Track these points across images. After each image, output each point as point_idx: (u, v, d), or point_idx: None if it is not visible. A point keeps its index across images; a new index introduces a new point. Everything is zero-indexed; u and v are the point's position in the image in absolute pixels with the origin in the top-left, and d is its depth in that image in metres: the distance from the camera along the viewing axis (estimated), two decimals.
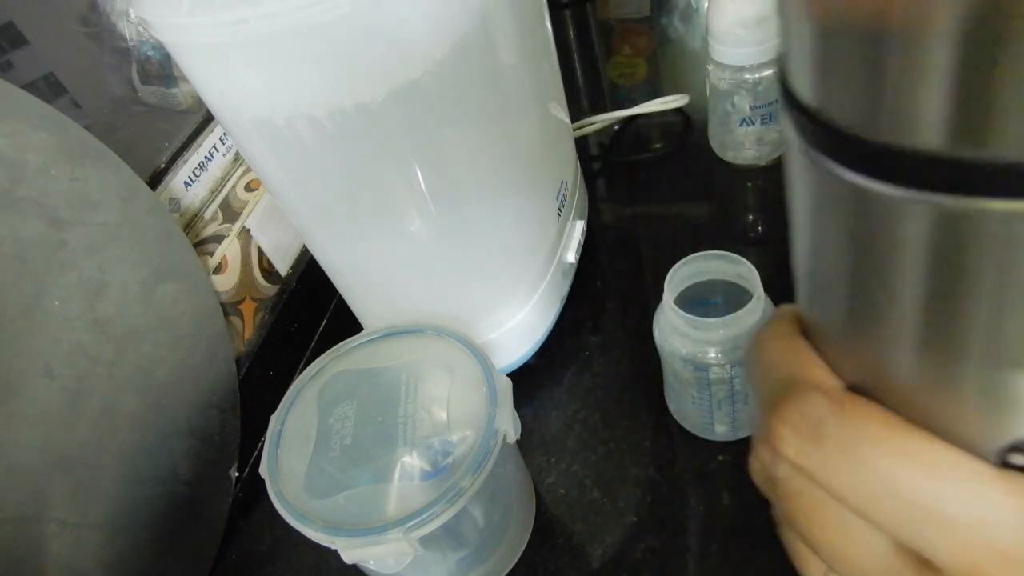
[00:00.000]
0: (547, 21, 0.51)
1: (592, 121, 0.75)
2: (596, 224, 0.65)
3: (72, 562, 0.40)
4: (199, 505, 0.48)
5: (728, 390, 0.42)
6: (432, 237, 0.44)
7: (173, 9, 0.33)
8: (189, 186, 0.52)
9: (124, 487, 0.43)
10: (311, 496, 0.36)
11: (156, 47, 0.50)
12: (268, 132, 0.38)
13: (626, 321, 0.57)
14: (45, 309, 0.39)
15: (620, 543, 0.44)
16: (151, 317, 0.45)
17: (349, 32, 0.34)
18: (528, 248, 0.51)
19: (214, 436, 0.49)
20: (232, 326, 0.54)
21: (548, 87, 0.52)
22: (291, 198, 0.44)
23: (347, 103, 0.36)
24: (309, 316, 0.63)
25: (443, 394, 0.39)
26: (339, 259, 0.49)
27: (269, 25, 0.32)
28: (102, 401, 0.42)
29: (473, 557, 0.41)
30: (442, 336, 0.42)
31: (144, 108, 0.52)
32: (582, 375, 0.54)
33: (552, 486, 0.47)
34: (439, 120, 0.40)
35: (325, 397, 0.41)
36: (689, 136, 0.71)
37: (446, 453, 0.36)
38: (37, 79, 0.45)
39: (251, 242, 0.58)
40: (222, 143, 0.55)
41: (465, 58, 0.39)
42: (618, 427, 0.49)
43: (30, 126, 0.39)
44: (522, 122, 0.48)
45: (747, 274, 0.41)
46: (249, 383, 0.54)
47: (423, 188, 0.41)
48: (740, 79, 0.58)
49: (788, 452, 0.18)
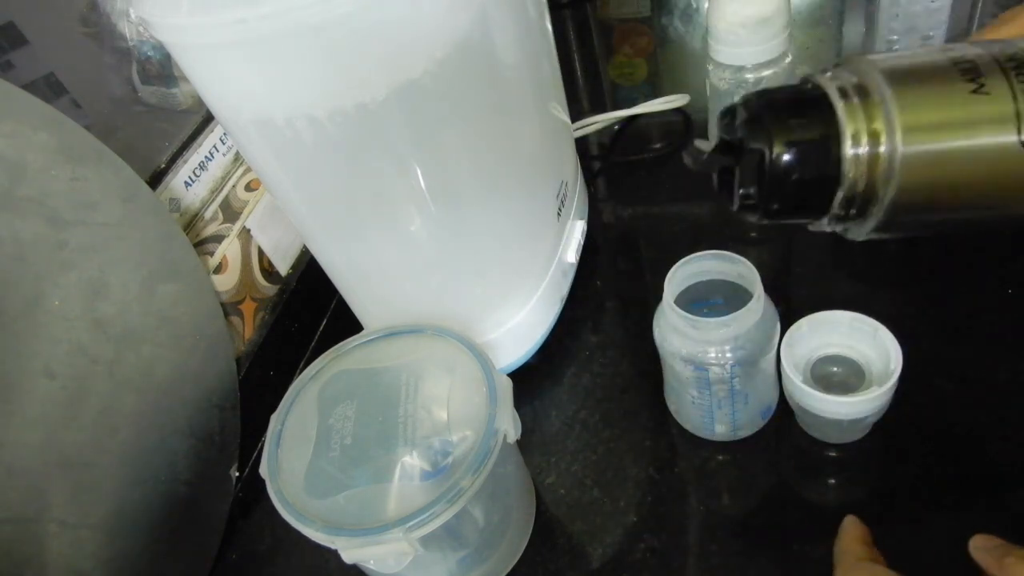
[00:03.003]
0: (547, 21, 0.51)
1: (592, 121, 0.75)
2: (596, 224, 0.65)
3: (72, 562, 0.40)
4: (199, 505, 0.48)
5: (728, 390, 0.42)
6: (432, 237, 0.44)
7: (173, 9, 0.33)
8: (189, 186, 0.52)
9: (124, 487, 0.43)
10: (311, 496, 0.36)
11: (156, 47, 0.50)
12: (268, 132, 0.38)
13: (626, 321, 0.57)
14: (45, 309, 0.39)
15: (620, 543, 0.44)
16: (151, 317, 0.45)
17: (349, 32, 0.34)
18: (528, 248, 0.51)
19: (214, 436, 0.49)
20: (232, 326, 0.54)
21: (548, 87, 0.52)
22: (291, 198, 0.44)
23: (347, 103, 0.36)
24: (309, 316, 0.63)
25: (443, 394, 0.39)
26: (339, 259, 0.49)
27: (269, 25, 0.32)
28: (102, 401, 0.42)
29: (473, 557, 0.41)
30: (442, 336, 0.42)
31: (144, 108, 0.52)
32: (582, 375, 0.54)
33: (552, 486, 0.48)
34: (439, 120, 0.40)
35: (325, 397, 0.41)
36: (689, 136, 0.71)
37: (446, 453, 0.36)
38: (37, 79, 0.45)
39: (251, 242, 0.57)
40: (222, 143, 0.55)
41: (465, 58, 0.39)
42: (618, 427, 0.49)
43: (30, 126, 0.38)
44: (522, 122, 0.48)
45: (747, 274, 0.41)
46: (249, 383, 0.54)
47: (423, 188, 0.41)
48: (740, 79, 0.58)
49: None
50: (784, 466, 0.43)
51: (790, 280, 0.56)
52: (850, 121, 0.33)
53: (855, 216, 0.35)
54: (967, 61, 0.32)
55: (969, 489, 0.41)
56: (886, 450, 0.44)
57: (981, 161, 0.32)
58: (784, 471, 0.43)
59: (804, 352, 0.45)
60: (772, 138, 0.33)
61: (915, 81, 0.33)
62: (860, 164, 0.33)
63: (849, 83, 0.34)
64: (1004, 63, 0.32)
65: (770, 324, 0.41)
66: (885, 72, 0.33)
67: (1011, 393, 0.44)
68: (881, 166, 0.33)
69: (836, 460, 0.44)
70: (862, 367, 0.44)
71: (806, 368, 0.45)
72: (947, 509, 0.37)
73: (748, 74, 0.58)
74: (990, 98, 0.31)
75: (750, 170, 0.34)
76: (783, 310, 0.43)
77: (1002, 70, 0.32)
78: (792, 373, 0.41)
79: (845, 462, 0.44)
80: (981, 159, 0.32)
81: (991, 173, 0.32)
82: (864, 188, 0.34)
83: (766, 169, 0.33)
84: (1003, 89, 0.31)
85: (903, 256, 0.54)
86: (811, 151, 0.33)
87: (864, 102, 0.33)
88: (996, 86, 0.31)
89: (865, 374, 0.44)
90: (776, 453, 0.46)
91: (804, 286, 0.55)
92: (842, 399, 0.39)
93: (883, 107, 0.32)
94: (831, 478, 0.41)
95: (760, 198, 0.34)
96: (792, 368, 0.41)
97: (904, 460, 0.43)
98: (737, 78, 0.58)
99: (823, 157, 0.33)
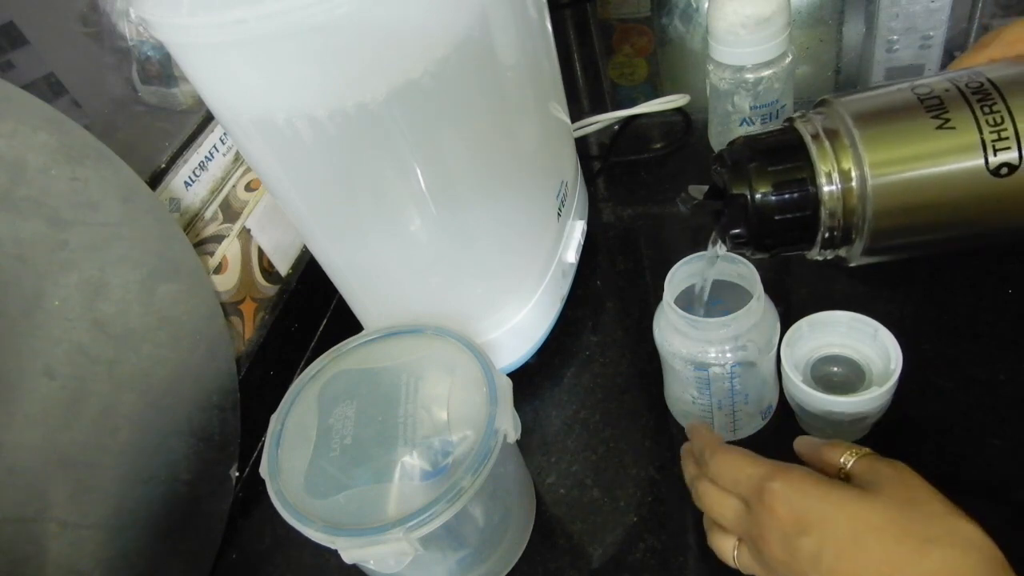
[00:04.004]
0: (547, 21, 0.51)
1: (592, 121, 0.75)
2: (596, 224, 0.65)
3: (72, 562, 0.40)
4: (199, 505, 0.48)
5: (728, 390, 0.42)
6: (432, 237, 0.44)
7: (173, 9, 0.33)
8: (189, 186, 0.52)
9: (124, 487, 0.43)
10: (311, 496, 0.36)
11: (156, 47, 0.50)
12: (268, 132, 0.38)
13: (626, 321, 0.57)
14: (45, 309, 0.39)
15: (620, 543, 0.44)
16: (151, 317, 0.45)
17: (349, 32, 0.34)
18: (528, 248, 0.51)
19: (214, 436, 0.49)
20: (232, 326, 0.54)
21: (548, 87, 0.52)
22: (291, 198, 0.44)
23: (347, 103, 0.36)
24: (309, 316, 0.63)
25: (443, 394, 0.39)
26: (339, 259, 0.49)
27: (269, 25, 0.32)
28: (102, 401, 0.42)
29: (473, 557, 0.41)
30: (442, 336, 0.42)
31: (144, 108, 0.52)
32: (582, 375, 0.54)
33: (552, 486, 0.48)
34: (439, 120, 0.40)
35: (325, 397, 0.41)
36: (689, 136, 0.71)
37: (446, 453, 0.36)
38: (37, 79, 0.45)
39: (251, 242, 0.57)
40: (222, 143, 0.55)
41: (465, 58, 0.39)
42: (618, 427, 0.49)
43: (30, 126, 0.38)
44: (522, 122, 0.48)
45: (747, 274, 0.41)
46: (249, 383, 0.54)
47: (423, 188, 0.41)
48: (740, 79, 0.58)
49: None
50: None
51: (790, 280, 0.56)
52: (823, 162, 0.36)
53: (840, 244, 0.37)
54: (933, 97, 0.35)
55: (969, 489, 0.41)
56: (886, 450, 0.44)
57: (951, 187, 0.35)
58: None
59: (804, 352, 0.45)
60: (752, 184, 0.35)
61: (882, 121, 0.36)
62: (835, 201, 0.35)
63: (822, 127, 0.36)
64: (970, 96, 0.34)
65: (770, 324, 0.41)
66: (854, 115, 0.36)
67: (1011, 393, 0.44)
68: (855, 199, 0.35)
69: None
70: (862, 367, 0.44)
71: (806, 368, 0.45)
72: None
73: (748, 74, 0.58)
74: (955, 132, 0.34)
75: (737, 212, 0.36)
76: (783, 310, 0.43)
77: (967, 102, 0.34)
78: (792, 373, 0.41)
79: None
80: (950, 185, 0.35)
81: (962, 197, 0.35)
82: (843, 220, 0.36)
83: (750, 211, 0.35)
84: (967, 122, 0.34)
85: None
86: (789, 193, 0.36)
87: (835, 144, 0.35)
88: (961, 120, 0.34)
89: (865, 374, 0.44)
90: (776, 453, 0.45)
91: (804, 286, 0.55)
92: (842, 399, 0.39)
93: (851, 148, 0.35)
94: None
95: (749, 236, 0.36)
96: (792, 368, 0.41)
97: (904, 460, 0.43)
98: (737, 78, 0.59)
99: (801, 197, 0.36)
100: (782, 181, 0.35)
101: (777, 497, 0.32)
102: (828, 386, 0.44)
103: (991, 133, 0.33)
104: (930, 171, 0.34)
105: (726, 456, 0.36)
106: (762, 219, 0.36)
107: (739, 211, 0.36)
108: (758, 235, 0.37)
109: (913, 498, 0.30)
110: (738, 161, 0.36)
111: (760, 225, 0.36)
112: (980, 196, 0.34)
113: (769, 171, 0.36)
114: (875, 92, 0.37)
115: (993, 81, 0.34)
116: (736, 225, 0.37)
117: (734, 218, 0.37)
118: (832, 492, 0.31)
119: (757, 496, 0.33)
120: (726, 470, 0.35)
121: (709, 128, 0.67)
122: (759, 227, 0.36)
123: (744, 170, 0.36)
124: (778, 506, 0.32)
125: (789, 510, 0.31)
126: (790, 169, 0.35)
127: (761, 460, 0.34)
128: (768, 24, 0.55)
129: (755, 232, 0.37)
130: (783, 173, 0.35)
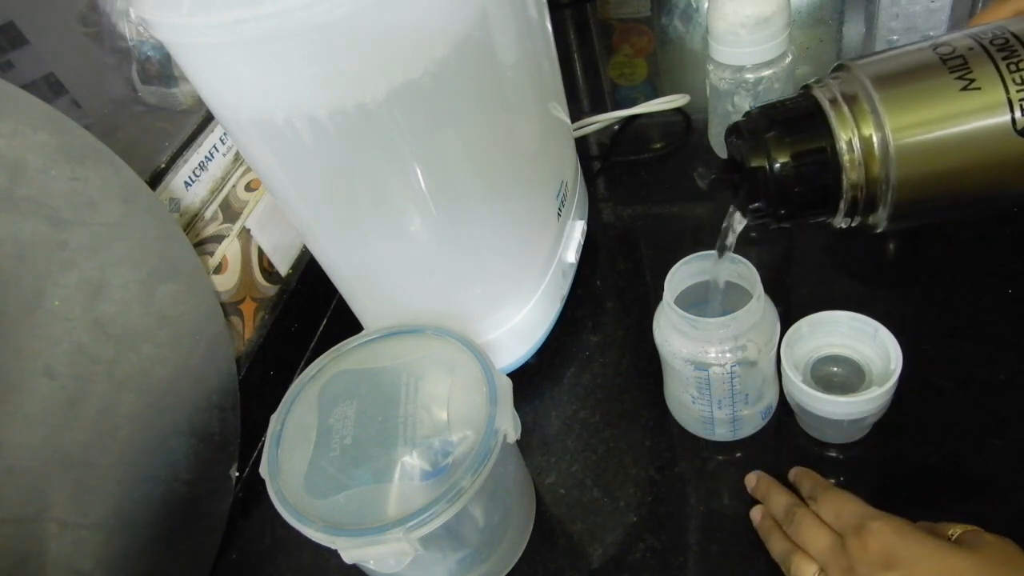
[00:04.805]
0: (547, 21, 0.51)
1: (592, 121, 0.75)
2: (596, 224, 0.65)
3: (72, 562, 0.40)
4: (199, 505, 0.48)
5: (728, 390, 0.42)
6: (432, 237, 0.44)
7: (173, 9, 0.33)
8: (189, 186, 0.52)
9: (124, 487, 0.43)
10: (311, 496, 0.36)
11: (156, 47, 0.50)
12: (268, 132, 0.38)
13: (626, 321, 0.57)
14: (45, 309, 0.39)
15: (620, 543, 0.44)
16: (151, 317, 0.45)
17: (349, 32, 0.34)
18: (528, 248, 0.51)
19: (214, 436, 0.49)
20: (232, 326, 0.54)
21: (548, 87, 0.52)
22: (291, 198, 0.44)
23: (347, 103, 0.36)
24: (309, 316, 0.63)
25: (443, 394, 0.39)
26: (339, 259, 0.49)
27: (269, 25, 0.32)
28: (102, 401, 0.42)
29: (473, 557, 0.41)
30: (442, 336, 0.42)
31: (144, 108, 0.52)
32: (582, 375, 0.54)
33: (552, 486, 0.48)
34: (439, 120, 0.40)
35: (325, 397, 0.41)
36: (689, 136, 0.71)
37: (446, 453, 0.36)
38: (37, 79, 0.45)
39: (251, 242, 0.57)
40: (222, 143, 0.55)
41: (465, 58, 0.39)
42: (618, 427, 0.49)
43: (30, 126, 0.38)
44: (522, 122, 0.48)
45: (747, 274, 0.41)
46: (249, 383, 0.54)
47: (423, 188, 0.41)
48: (740, 79, 0.58)
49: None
50: (784, 466, 0.43)
51: (790, 280, 0.56)
52: (842, 128, 0.33)
53: (865, 211, 0.36)
54: (957, 56, 0.33)
55: (969, 489, 0.41)
56: (886, 450, 0.44)
57: (976, 147, 0.33)
58: (784, 471, 0.43)
59: (804, 352, 0.45)
60: (770, 155, 0.33)
61: (903, 83, 0.34)
62: (857, 167, 0.34)
63: (840, 92, 0.34)
64: (995, 53, 0.32)
65: (770, 324, 0.41)
66: (873, 78, 0.34)
67: (1011, 393, 0.44)
68: (877, 165, 0.33)
69: (836, 460, 0.44)
70: (862, 367, 0.44)
71: (806, 368, 0.45)
72: (947, 509, 0.37)
73: (748, 74, 0.58)
74: (980, 92, 0.32)
75: (755, 186, 0.35)
76: (783, 310, 0.43)
77: (992, 60, 0.32)
78: (792, 373, 0.41)
79: (845, 462, 0.44)
80: (976, 145, 0.33)
81: (988, 156, 0.33)
82: (866, 186, 0.34)
83: (769, 184, 0.34)
84: (993, 79, 0.32)
85: (903, 256, 0.54)
86: (808, 163, 0.34)
87: (854, 108, 0.33)
88: (986, 78, 0.32)
89: (865, 374, 0.44)
90: (776, 453, 0.46)
91: (804, 286, 0.55)
92: (842, 399, 0.39)
93: (872, 113, 0.33)
94: (831, 478, 0.41)
95: (768, 209, 0.35)
96: (792, 368, 0.41)
97: (904, 460, 0.43)
98: (737, 78, 0.58)
99: (820, 166, 0.34)
100: (801, 151, 0.34)
101: (873, 533, 0.33)
102: (828, 386, 0.44)
103: (1018, 91, 0.31)
104: (955, 131, 0.33)
105: (837, 493, 0.37)
106: (782, 191, 0.34)
107: (758, 184, 0.35)
108: (778, 207, 0.35)
109: (1010, 560, 0.31)
110: (755, 131, 0.35)
111: (780, 197, 0.35)
112: (1007, 156, 0.33)
113: (787, 141, 0.34)
114: (894, 53, 0.36)
115: (1019, 35, 0.32)
116: (755, 198, 0.36)
117: (753, 191, 0.36)
118: (928, 539, 0.32)
119: (855, 531, 0.34)
120: (832, 505, 0.37)
121: (709, 128, 0.67)
122: (779, 199, 0.35)
123: (761, 141, 0.34)
124: (872, 542, 0.33)
125: (882, 547, 0.32)
126: (809, 137, 0.34)
127: (867, 504, 0.36)
128: (768, 24, 0.55)
129: (775, 204, 0.35)
130: (802, 142, 0.34)
